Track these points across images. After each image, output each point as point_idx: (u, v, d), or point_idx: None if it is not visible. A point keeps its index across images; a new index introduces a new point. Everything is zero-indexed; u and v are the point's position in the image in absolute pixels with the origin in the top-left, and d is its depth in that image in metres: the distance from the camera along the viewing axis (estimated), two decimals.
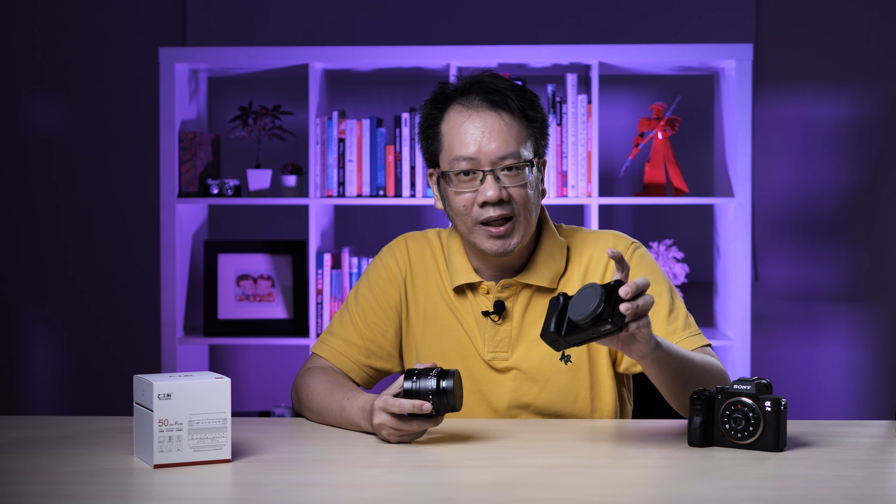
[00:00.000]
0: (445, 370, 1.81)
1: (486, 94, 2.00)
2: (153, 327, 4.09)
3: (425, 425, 1.82)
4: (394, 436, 1.83)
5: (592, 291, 1.67)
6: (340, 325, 2.15)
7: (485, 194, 1.97)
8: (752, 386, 1.76)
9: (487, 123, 1.99)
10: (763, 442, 1.75)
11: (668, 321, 2.03)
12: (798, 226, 4.20)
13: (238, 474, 1.65)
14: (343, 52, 3.75)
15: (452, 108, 2.03)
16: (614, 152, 4.10)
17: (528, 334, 2.07)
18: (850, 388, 4.22)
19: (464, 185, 2.00)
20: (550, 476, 1.64)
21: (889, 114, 4.17)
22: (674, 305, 2.05)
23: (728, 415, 1.77)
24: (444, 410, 1.81)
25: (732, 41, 4.04)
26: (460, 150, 1.99)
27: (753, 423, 1.75)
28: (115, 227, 4.27)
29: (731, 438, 1.77)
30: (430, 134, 2.05)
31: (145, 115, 4.16)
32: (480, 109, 2.00)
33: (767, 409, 1.74)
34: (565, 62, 3.71)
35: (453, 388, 1.79)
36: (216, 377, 1.71)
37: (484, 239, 2.01)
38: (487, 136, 1.98)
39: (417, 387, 1.80)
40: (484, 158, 1.98)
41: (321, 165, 3.71)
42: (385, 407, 1.81)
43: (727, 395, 1.77)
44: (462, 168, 1.99)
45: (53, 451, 1.79)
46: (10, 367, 4.31)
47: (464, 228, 2.03)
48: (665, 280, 2.08)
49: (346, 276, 3.72)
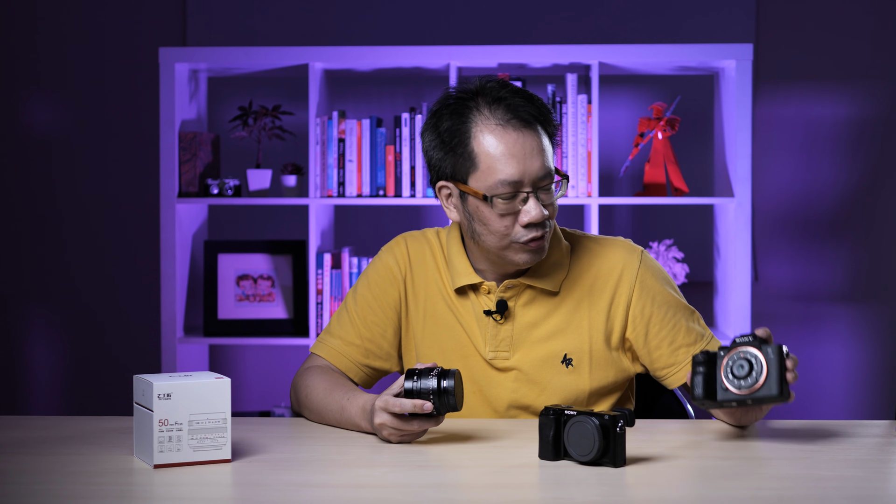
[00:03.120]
0: (446, 370, 1.81)
1: (516, 110, 1.95)
2: (153, 327, 4.09)
3: (426, 425, 1.82)
4: (394, 436, 1.83)
5: (590, 431, 1.67)
6: (339, 324, 2.15)
7: (530, 215, 1.95)
8: (752, 338, 1.80)
9: (527, 143, 1.94)
10: (767, 387, 1.76)
11: (688, 331, 2.08)
12: (798, 226, 4.20)
13: (238, 474, 1.65)
14: (343, 52, 3.75)
15: (482, 125, 1.96)
16: (614, 152, 4.10)
17: (529, 336, 2.07)
18: (850, 388, 4.22)
19: (506, 208, 1.96)
20: (552, 476, 1.64)
21: (889, 114, 4.17)
22: (689, 311, 2.10)
23: (731, 365, 1.79)
24: (446, 410, 1.81)
25: (732, 41, 4.04)
26: (503, 174, 1.94)
27: (756, 368, 1.77)
28: (115, 227, 4.27)
29: (735, 389, 1.78)
30: (459, 152, 1.98)
31: (145, 115, 4.16)
32: (516, 127, 1.95)
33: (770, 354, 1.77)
34: (565, 62, 3.71)
35: (454, 387, 1.79)
36: (216, 377, 1.71)
37: (520, 253, 1.99)
38: (529, 157, 1.94)
39: (419, 386, 1.80)
40: (527, 179, 1.95)
41: (321, 165, 3.71)
42: (386, 407, 1.81)
43: (729, 349, 1.81)
44: (506, 192, 1.95)
45: (53, 451, 1.79)
46: (10, 367, 4.31)
47: (496, 245, 2.00)
48: (672, 284, 2.12)
49: (346, 276, 3.72)
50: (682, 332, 2.07)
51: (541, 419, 1.71)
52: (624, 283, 2.07)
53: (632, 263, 2.08)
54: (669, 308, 2.07)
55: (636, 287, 2.07)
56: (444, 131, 1.98)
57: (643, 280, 2.07)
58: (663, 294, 2.08)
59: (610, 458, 1.66)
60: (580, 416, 1.67)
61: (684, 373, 2.05)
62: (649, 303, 2.07)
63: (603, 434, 1.65)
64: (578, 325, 2.06)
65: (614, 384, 2.10)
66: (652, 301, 2.07)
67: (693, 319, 2.09)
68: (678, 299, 2.10)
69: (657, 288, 2.08)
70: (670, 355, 2.06)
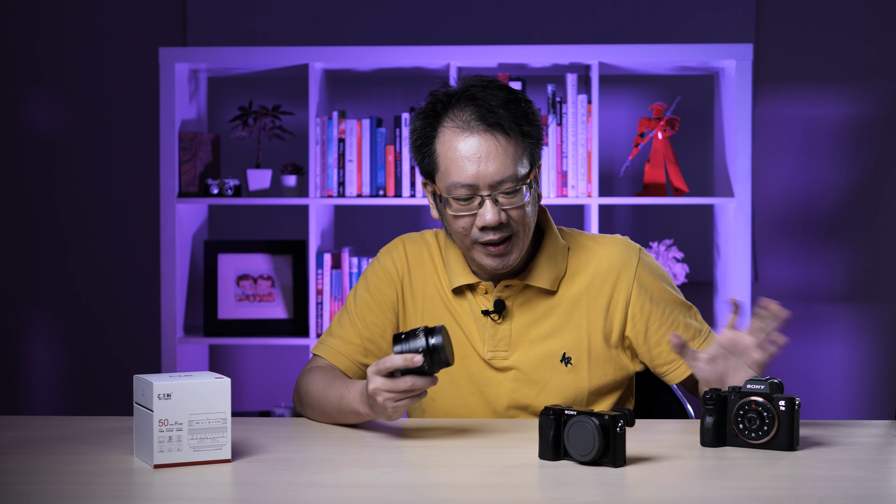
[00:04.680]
0: (432, 327, 1.80)
1: (481, 114, 1.95)
2: (153, 327, 4.09)
3: (419, 382, 1.80)
4: (390, 400, 1.80)
5: (590, 431, 1.67)
6: (339, 325, 2.16)
7: (484, 219, 1.95)
8: (764, 385, 1.76)
9: (483, 146, 1.94)
10: (777, 441, 1.75)
11: (687, 327, 2.09)
12: (798, 226, 4.20)
13: (238, 474, 1.65)
14: (343, 52, 3.75)
15: (446, 127, 1.98)
16: (614, 152, 4.10)
17: (528, 335, 2.07)
18: (850, 388, 4.22)
19: (462, 209, 1.97)
20: (552, 476, 1.64)
21: (889, 114, 4.17)
22: (686, 307, 2.12)
23: (742, 414, 1.77)
24: (438, 367, 1.79)
25: (732, 41, 4.04)
26: (457, 176, 1.95)
27: (768, 422, 1.75)
28: (115, 227, 4.27)
29: (745, 438, 1.77)
30: (424, 151, 2.01)
31: (145, 115, 4.16)
32: (476, 131, 1.95)
33: (781, 408, 1.75)
34: (565, 62, 3.71)
35: (443, 342, 1.78)
36: (216, 377, 1.71)
37: (483, 256, 2.00)
38: (484, 160, 1.94)
39: (407, 348, 1.79)
40: (482, 183, 1.95)
41: (321, 165, 3.71)
42: (377, 370, 1.80)
43: (740, 395, 1.78)
44: (461, 195, 1.96)
45: (53, 451, 1.79)
46: (10, 367, 4.31)
47: (462, 246, 2.03)
48: (670, 281, 2.13)
49: (346, 276, 3.72)
50: (681, 329, 2.08)
51: (541, 419, 1.71)
52: (622, 281, 2.08)
53: (629, 261, 2.09)
54: (668, 305, 2.09)
55: (634, 285, 2.07)
56: (414, 131, 2.03)
57: (641, 278, 2.08)
58: (661, 291, 2.09)
59: (610, 458, 1.66)
60: (580, 415, 1.67)
61: (685, 368, 2.07)
62: (648, 300, 2.07)
63: (603, 434, 1.65)
64: (577, 324, 2.07)
65: (614, 383, 2.10)
66: (651, 299, 2.07)
67: (690, 315, 2.11)
68: (676, 296, 2.11)
69: (655, 285, 2.09)
70: (670, 352, 2.06)
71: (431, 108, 2.01)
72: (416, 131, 2.02)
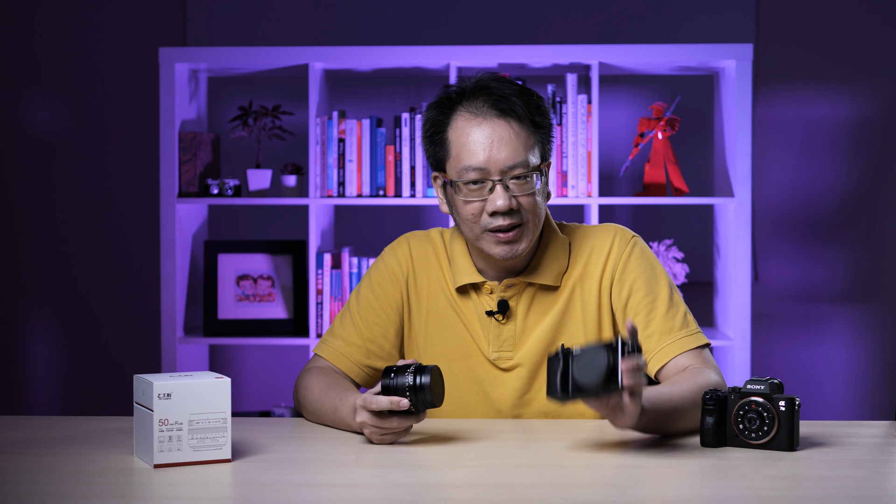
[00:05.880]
0: (424, 366, 1.79)
1: (494, 101, 1.99)
2: (153, 327, 4.09)
3: (405, 422, 1.80)
4: (375, 434, 1.82)
5: (598, 355, 1.67)
6: (341, 325, 2.15)
7: (494, 204, 1.97)
8: (764, 385, 1.77)
9: (496, 131, 1.98)
10: (777, 442, 1.75)
11: (665, 318, 2.03)
12: (798, 226, 4.20)
13: (238, 474, 1.65)
14: (343, 52, 3.75)
15: (459, 115, 2.02)
16: (614, 152, 4.10)
17: (532, 333, 2.07)
18: (850, 388, 4.22)
19: (473, 194, 1.99)
20: (552, 476, 1.64)
21: (889, 114, 4.17)
22: (672, 302, 2.05)
23: (742, 415, 1.77)
24: (423, 407, 1.78)
25: (732, 41, 4.04)
26: (469, 159, 1.98)
27: (768, 422, 1.75)
28: (115, 227, 4.27)
29: (745, 438, 1.77)
30: (437, 140, 2.04)
31: (145, 115, 4.16)
32: (489, 117, 1.99)
33: (782, 408, 1.75)
34: (565, 62, 3.71)
35: (430, 383, 1.76)
36: (216, 377, 1.71)
37: (492, 245, 2.01)
38: (497, 145, 1.97)
39: (395, 383, 1.78)
40: (493, 168, 1.97)
41: (321, 165, 3.71)
42: (364, 405, 1.81)
43: (740, 396, 1.78)
44: (471, 178, 1.98)
45: (53, 451, 1.79)
46: (10, 367, 4.31)
47: (471, 235, 2.03)
48: (665, 276, 2.09)
49: (346, 276, 3.72)
50: (658, 319, 2.03)
51: (549, 359, 1.72)
52: (609, 265, 2.07)
53: (619, 246, 2.08)
54: (650, 292, 2.05)
55: (619, 267, 2.06)
56: (427, 121, 2.06)
57: (627, 262, 2.07)
58: (646, 277, 2.05)
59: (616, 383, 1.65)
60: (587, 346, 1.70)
61: (654, 362, 2.02)
62: (629, 284, 2.05)
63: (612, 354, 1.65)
64: (573, 315, 2.07)
65: None
66: (633, 283, 2.05)
67: (675, 311, 2.04)
68: (662, 287, 2.05)
69: (639, 271, 2.06)
70: (642, 340, 2.03)
71: (445, 98, 2.05)
72: (430, 121, 2.05)
